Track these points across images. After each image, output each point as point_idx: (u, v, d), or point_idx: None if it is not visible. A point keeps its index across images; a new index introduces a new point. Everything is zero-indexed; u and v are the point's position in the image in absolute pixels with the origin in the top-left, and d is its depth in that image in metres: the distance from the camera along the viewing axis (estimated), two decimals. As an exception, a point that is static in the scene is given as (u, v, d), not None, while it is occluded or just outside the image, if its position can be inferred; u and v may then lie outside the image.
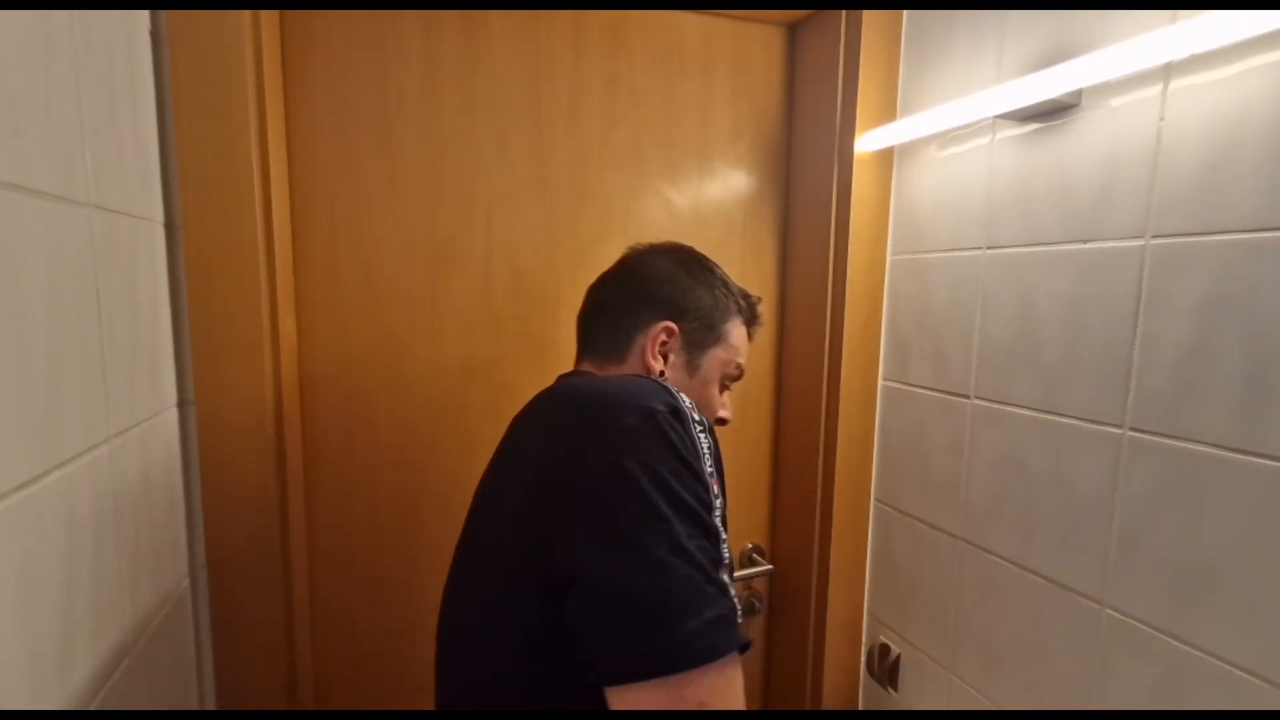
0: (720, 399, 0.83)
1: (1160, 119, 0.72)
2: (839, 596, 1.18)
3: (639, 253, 0.84)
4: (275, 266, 0.87)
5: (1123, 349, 0.76)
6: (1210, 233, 0.68)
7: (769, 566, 1.29)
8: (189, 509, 0.85)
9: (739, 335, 0.83)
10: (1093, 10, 0.78)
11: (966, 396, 0.98)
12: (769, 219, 1.23)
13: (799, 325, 1.22)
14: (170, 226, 0.80)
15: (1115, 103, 0.77)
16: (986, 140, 0.93)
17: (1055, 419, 0.85)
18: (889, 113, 1.08)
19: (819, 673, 1.20)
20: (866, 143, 1.07)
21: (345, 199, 0.99)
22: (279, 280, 0.88)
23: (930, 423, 1.05)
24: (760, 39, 1.18)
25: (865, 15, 1.05)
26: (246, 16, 0.80)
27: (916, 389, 1.08)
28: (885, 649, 1.15)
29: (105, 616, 0.63)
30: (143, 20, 0.75)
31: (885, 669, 1.15)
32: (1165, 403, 0.72)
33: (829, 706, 1.21)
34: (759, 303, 0.87)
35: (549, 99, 1.07)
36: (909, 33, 1.06)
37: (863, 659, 1.22)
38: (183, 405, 0.83)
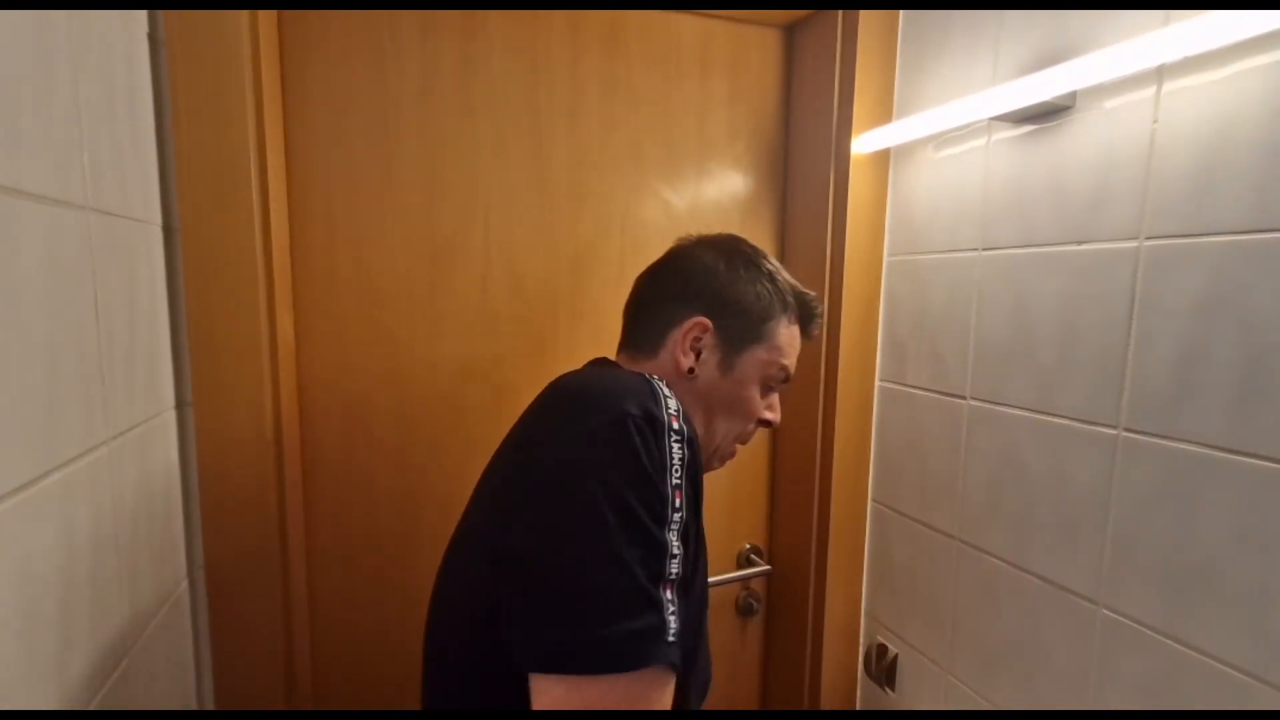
0: (764, 400, 0.79)
1: (1154, 121, 0.72)
2: (836, 597, 1.19)
3: (685, 244, 0.81)
4: (273, 268, 0.87)
5: (1117, 350, 0.77)
6: (1204, 234, 0.68)
7: (767, 567, 1.29)
8: (187, 510, 0.85)
9: (787, 336, 0.78)
10: (1088, 11, 0.78)
11: (962, 397, 0.98)
12: (766, 220, 1.24)
13: (796, 326, 1.22)
14: (168, 229, 0.81)
15: (1109, 105, 0.77)
16: (982, 142, 0.93)
17: (1050, 419, 0.85)
18: (885, 114, 1.09)
19: (816, 673, 1.21)
20: (863, 144, 1.08)
21: (343, 200, 0.99)
22: (277, 282, 0.88)
23: (927, 423, 1.05)
24: (757, 40, 1.18)
25: (862, 15, 1.05)
26: (244, 17, 0.80)
27: (913, 390, 1.08)
28: (883, 649, 1.16)
29: (104, 617, 0.63)
30: (140, 22, 0.75)
31: (883, 669, 1.15)
32: (1159, 403, 0.73)
33: (826, 706, 1.21)
34: (816, 301, 0.81)
35: (547, 100, 1.07)
36: (905, 34, 1.07)
37: (860, 659, 1.22)
38: (181, 407, 0.83)
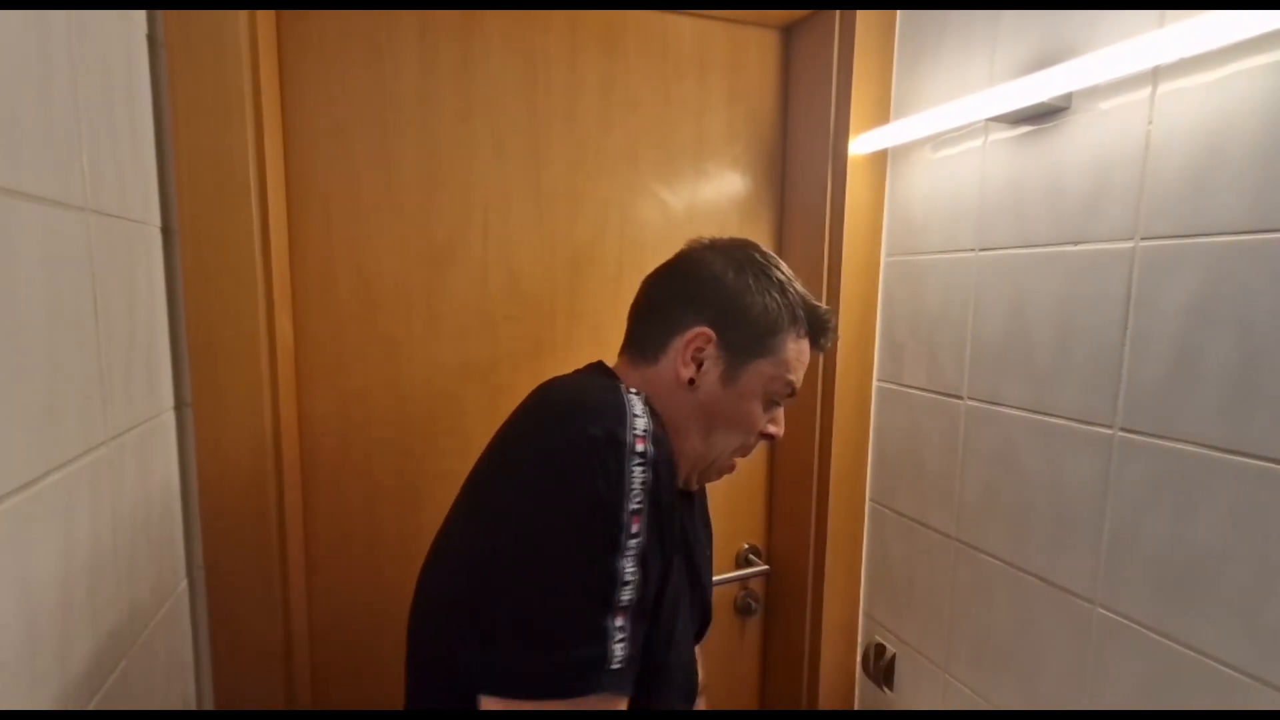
0: (765, 414, 0.76)
1: (1149, 122, 0.73)
2: (834, 596, 1.19)
3: (696, 247, 0.78)
4: (272, 269, 0.87)
5: (1113, 350, 0.77)
6: (1199, 235, 0.69)
7: (765, 567, 1.29)
8: (186, 511, 0.85)
9: (794, 350, 0.74)
10: (1083, 13, 0.79)
11: (960, 397, 0.98)
12: (764, 221, 1.24)
13: (794, 326, 1.23)
14: (167, 230, 0.81)
15: (1105, 106, 0.77)
16: (979, 143, 0.94)
17: (1047, 419, 0.85)
18: (882, 115, 1.09)
19: (815, 672, 1.21)
20: (860, 145, 1.08)
21: (341, 201, 0.99)
22: (275, 283, 0.88)
23: (924, 423, 1.06)
24: (755, 41, 1.18)
25: (859, 16, 1.06)
26: (243, 17, 0.81)
27: (910, 390, 1.08)
28: (881, 648, 1.16)
29: (103, 617, 0.64)
30: (140, 23, 0.75)
31: (881, 669, 1.15)
32: (1155, 403, 0.73)
33: (825, 706, 1.21)
34: (829, 316, 0.77)
35: (545, 101, 1.07)
36: (902, 35, 1.07)
37: (858, 659, 1.22)
38: (180, 408, 0.83)
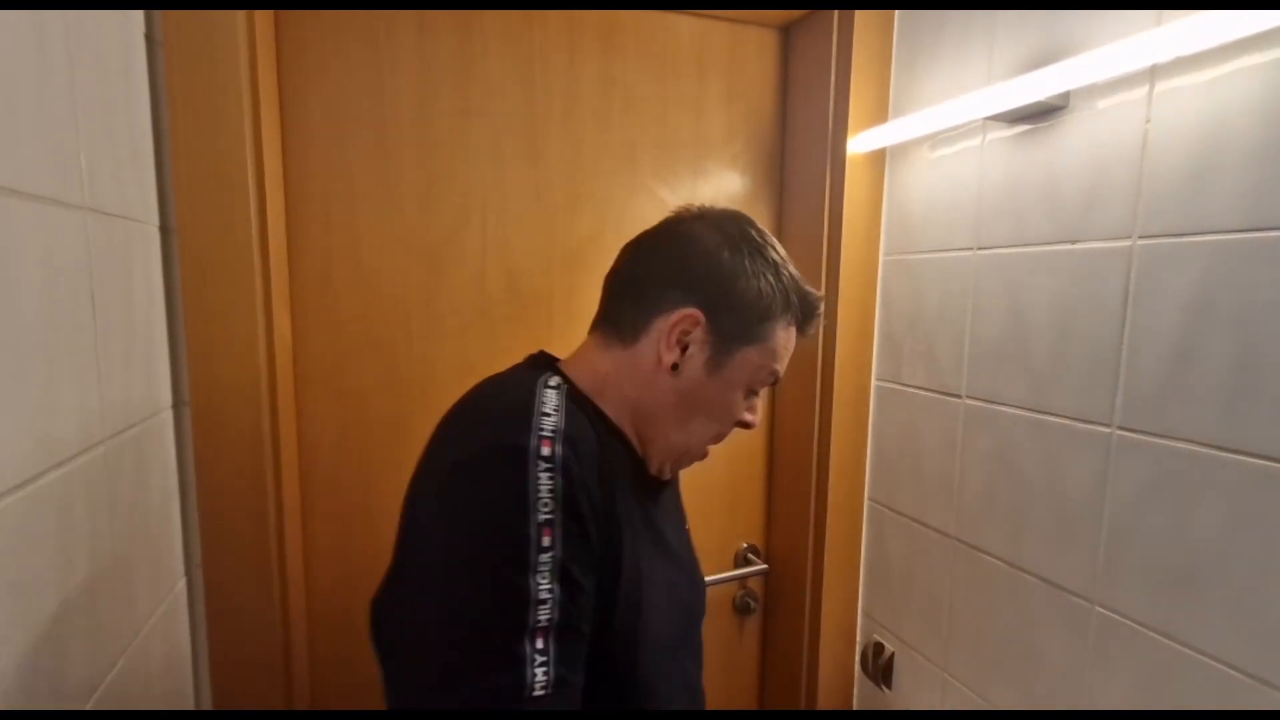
0: (745, 402, 0.72)
1: (1147, 121, 0.73)
2: (833, 595, 1.19)
3: (686, 217, 0.71)
4: (270, 268, 0.87)
5: (1111, 349, 0.77)
6: (1196, 233, 0.69)
7: (764, 566, 1.29)
8: (184, 509, 0.85)
9: (783, 338, 0.70)
10: (1080, 11, 0.79)
11: (958, 396, 0.98)
12: (762, 219, 1.22)
13: (793, 325, 1.23)
14: (165, 229, 0.81)
15: (1102, 105, 0.77)
16: (977, 142, 0.94)
17: (1045, 418, 0.85)
18: (881, 114, 1.09)
19: (814, 672, 1.21)
20: (859, 144, 1.08)
21: (340, 200, 0.99)
22: (274, 281, 0.88)
23: (923, 422, 1.06)
24: (754, 40, 1.18)
25: (858, 16, 1.06)
26: (241, 17, 0.81)
27: (909, 389, 1.08)
28: (879, 647, 1.16)
29: (100, 616, 0.63)
30: (137, 22, 0.75)
31: (879, 668, 1.15)
32: (1153, 402, 0.73)
33: (824, 705, 1.21)
34: (819, 300, 0.72)
35: (543, 100, 1.07)
36: (900, 34, 1.07)
37: (857, 658, 1.22)
38: (178, 406, 0.83)
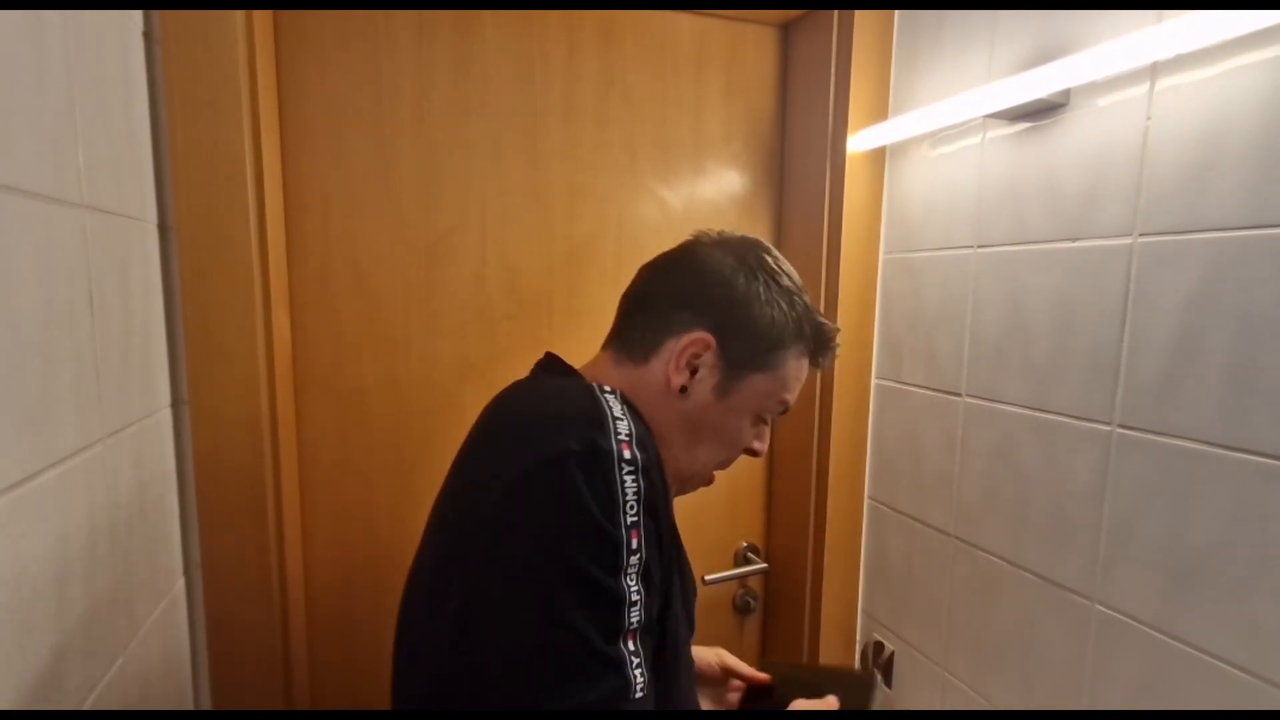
0: (754, 429, 0.71)
1: (1147, 118, 0.73)
2: (833, 594, 1.19)
3: (705, 242, 0.71)
4: (269, 266, 0.87)
5: (1111, 346, 0.77)
6: (1197, 230, 0.69)
7: (764, 565, 1.29)
8: (183, 509, 0.85)
9: (794, 368, 0.69)
10: (1081, 10, 0.79)
11: (958, 394, 0.98)
12: (762, 218, 1.24)
13: (792, 324, 1.23)
14: (164, 227, 0.81)
15: (1103, 102, 0.77)
16: (977, 140, 0.94)
17: (1045, 416, 0.85)
18: (881, 112, 1.09)
19: (813, 670, 1.21)
20: (859, 142, 1.08)
21: (339, 199, 0.99)
22: (273, 280, 0.88)
23: (923, 421, 1.06)
24: (753, 39, 1.18)
25: (857, 15, 1.05)
26: (239, 17, 0.80)
27: (909, 387, 1.08)
28: (879, 646, 1.16)
29: (98, 615, 0.63)
30: (135, 20, 0.75)
31: (879, 666, 1.15)
32: (1153, 399, 0.73)
33: (823, 704, 1.21)
34: (834, 334, 0.71)
35: (542, 99, 1.07)
36: (900, 32, 1.07)
37: (857, 657, 1.22)
38: (177, 405, 0.83)
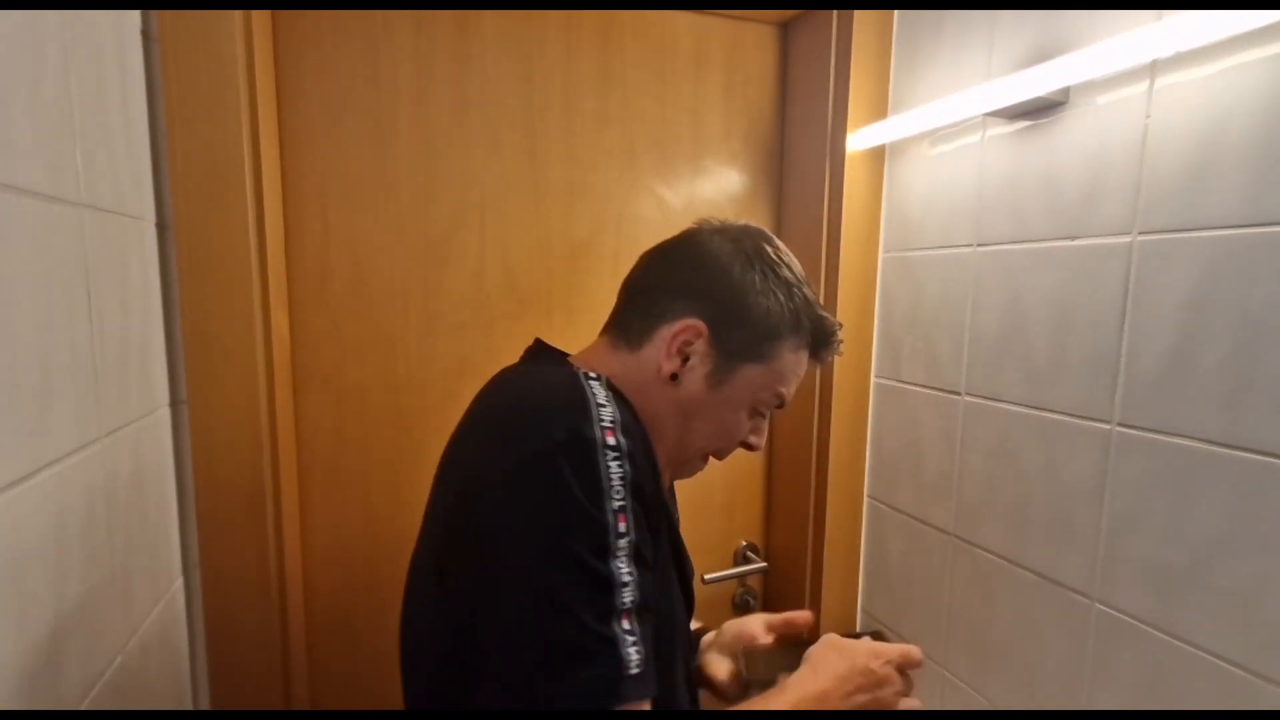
0: (749, 423, 0.71)
1: (1147, 116, 0.73)
2: (832, 593, 1.19)
3: (705, 229, 0.71)
4: (268, 265, 0.87)
5: (1111, 345, 0.77)
6: (1197, 229, 0.68)
7: (763, 564, 1.29)
8: (182, 508, 0.85)
9: (791, 361, 0.68)
10: (1080, 10, 0.78)
11: (958, 393, 0.98)
12: (762, 217, 1.23)
13: (792, 323, 1.22)
14: (162, 226, 0.80)
15: (1102, 100, 0.77)
16: (976, 138, 0.94)
17: (1045, 415, 0.85)
18: (880, 110, 1.09)
19: (813, 669, 1.21)
20: (858, 140, 1.08)
21: (338, 198, 0.99)
22: (271, 279, 0.88)
23: (922, 419, 1.06)
24: (753, 37, 1.18)
25: (856, 15, 1.05)
26: (238, 17, 0.80)
27: (908, 386, 1.08)
28: (879, 645, 1.16)
29: (96, 614, 0.63)
30: (133, 19, 0.75)
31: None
32: (1153, 397, 0.73)
33: (823, 703, 1.21)
34: (836, 328, 0.70)
35: (541, 98, 1.07)
36: (900, 30, 1.07)
37: (857, 655, 1.22)
38: (175, 404, 0.83)
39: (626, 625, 0.52)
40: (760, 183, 1.23)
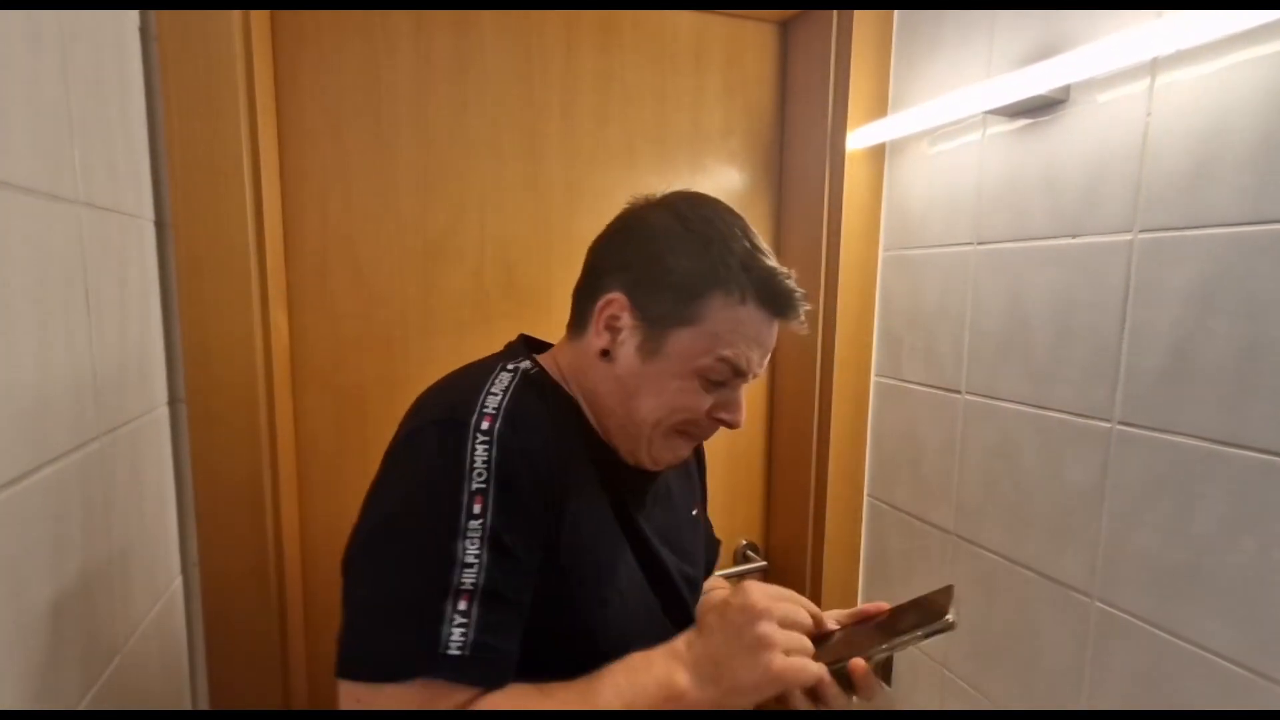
0: (707, 396, 0.63)
1: (1148, 114, 0.72)
2: (833, 593, 1.18)
3: (633, 205, 0.69)
4: (266, 263, 0.87)
5: (1112, 343, 0.77)
6: (1197, 227, 0.68)
7: (763, 563, 1.29)
8: (180, 507, 0.84)
9: (725, 319, 0.61)
10: (1080, 9, 0.78)
11: (958, 392, 0.98)
12: (761, 215, 1.23)
13: (792, 322, 1.22)
14: (160, 224, 0.80)
15: (1103, 98, 0.77)
16: (977, 136, 0.93)
17: (1045, 413, 0.85)
18: (880, 109, 1.09)
19: (813, 668, 1.21)
20: (858, 139, 1.08)
21: (337, 196, 0.98)
22: (270, 277, 0.88)
23: (922, 418, 1.05)
24: (753, 36, 1.18)
25: (856, 14, 1.05)
26: (236, 16, 0.80)
27: (909, 384, 1.08)
28: (879, 644, 1.16)
29: (96, 614, 0.63)
30: (132, 19, 0.75)
31: (879, 665, 1.15)
32: (1153, 396, 0.73)
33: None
34: (783, 278, 0.62)
35: (541, 96, 1.07)
36: (900, 29, 1.07)
37: (856, 654, 1.22)
38: (174, 403, 0.83)
39: (462, 606, 0.51)
40: (760, 181, 1.22)
